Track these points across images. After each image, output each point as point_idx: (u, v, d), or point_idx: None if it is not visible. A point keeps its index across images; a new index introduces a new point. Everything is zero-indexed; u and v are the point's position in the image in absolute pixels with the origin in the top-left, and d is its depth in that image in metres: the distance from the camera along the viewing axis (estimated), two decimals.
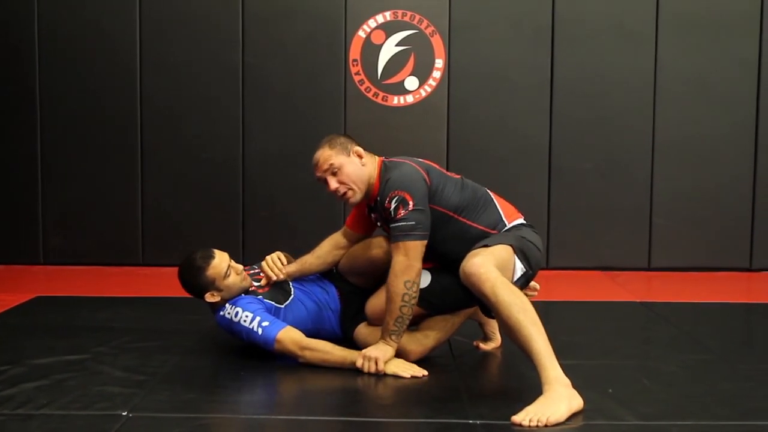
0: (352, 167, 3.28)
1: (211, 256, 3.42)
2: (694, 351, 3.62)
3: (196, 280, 3.41)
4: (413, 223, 3.10)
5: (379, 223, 3.43)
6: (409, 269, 3.10)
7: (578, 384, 3.05)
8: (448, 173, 3.37)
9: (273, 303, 3.44)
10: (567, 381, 2.77)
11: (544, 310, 4.50)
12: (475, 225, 3.25)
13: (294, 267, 3.56)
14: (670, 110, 5.81)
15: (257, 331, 3.26)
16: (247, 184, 5.88)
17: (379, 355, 3.14)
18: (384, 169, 3.30)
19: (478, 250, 3.05)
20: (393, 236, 3.15)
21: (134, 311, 4.36)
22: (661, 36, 5.77)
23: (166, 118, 5.87)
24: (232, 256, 3.65)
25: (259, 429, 2.69)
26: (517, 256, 3.11)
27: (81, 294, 4.88)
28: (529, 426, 2.63)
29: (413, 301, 3.13)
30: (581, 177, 5.86)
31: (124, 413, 2.72)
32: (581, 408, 2.75)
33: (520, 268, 3.11)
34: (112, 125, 5.87)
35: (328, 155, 3.28)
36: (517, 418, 2.66)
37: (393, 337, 3.18)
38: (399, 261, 3.11)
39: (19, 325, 4.07)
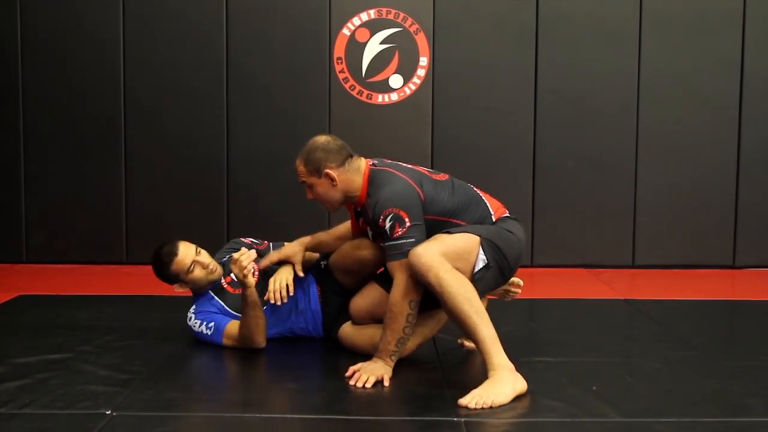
0: (322, 188, 3.24)
1: (174, 252, 3.45)
2: (677, 348, 3.63)
3: (162, 274, 3.51)
4: (413, 240, 3.03)
5: (369, 230, 3.38)
6: (413, 289, 3.03)
7: (562, 381, 3.08)
8: (436, 176, 3.30)
9: (236, 312, 3.45)
10: (511, 366, 2.90)
11: (528, 307, 4.56)
12: (465, 224, 3.21)
13: (310, 240, 3.58)
14: (653, 108, 5.83)
15: (207, 334, 3.45)
16: (232, 182, 5.87)
17: (381, 374, 3.04)
18: (372, 177, 3.22)
19: (431, 238, 3.06)
20: (391, 255, 3.06)
21: (118, 310, 4.33)
22: (644, 34, 5.79)
23: (149, 116, 5.84)
24: (215, 254, 3.63)
25: (243, 428, 2.67)
26: (483, 247, 3.08)
27: (64, 293, 4.84)
28: (475, 408, 2.74)
29: (414, 320, 3.08)
30: (565, 174, 5.87)
31: (108, 412, 2.70)
32: (525, 390, 2.88)
33: (482, 260, 3.07)
34: (95, 123, 5.84)
35: (301, 171, 3.25)
36: (463, 401, 2.78)
37: (393, 357, 3.11)
38: (403, 280, 3.02)
39: (1, 324, 4.05)
